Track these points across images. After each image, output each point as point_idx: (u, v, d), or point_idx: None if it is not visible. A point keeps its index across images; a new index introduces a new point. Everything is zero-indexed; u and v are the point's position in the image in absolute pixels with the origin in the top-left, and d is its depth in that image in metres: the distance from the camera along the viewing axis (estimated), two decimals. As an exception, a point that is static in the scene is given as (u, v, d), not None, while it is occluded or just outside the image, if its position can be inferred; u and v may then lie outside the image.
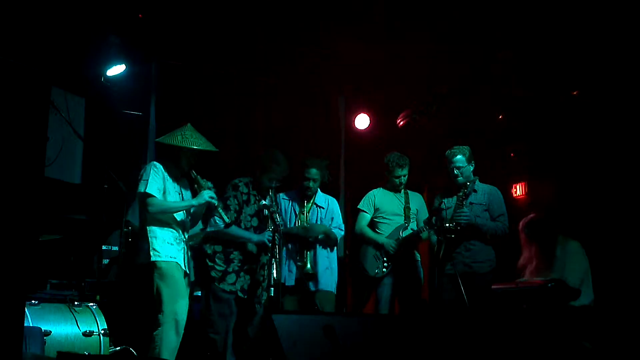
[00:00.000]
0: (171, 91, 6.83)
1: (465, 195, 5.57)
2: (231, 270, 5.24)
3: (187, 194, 5.09)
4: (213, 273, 5.21)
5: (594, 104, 6.56)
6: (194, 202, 4.96)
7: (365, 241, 6.01)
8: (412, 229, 5.94)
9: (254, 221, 5.38)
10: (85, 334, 4.43)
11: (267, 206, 5.36)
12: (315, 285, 5.60)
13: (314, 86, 7.53)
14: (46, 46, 5.31)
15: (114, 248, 5.90)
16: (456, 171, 5.66)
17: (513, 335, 5.25)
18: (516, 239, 5.93)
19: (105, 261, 5.89)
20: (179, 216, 4.96)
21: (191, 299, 5.17)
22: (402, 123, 7.45)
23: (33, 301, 4.37)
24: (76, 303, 4.59)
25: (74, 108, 6.23)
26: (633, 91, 6.16)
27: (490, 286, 5.60)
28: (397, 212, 6.02)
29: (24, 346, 3.78)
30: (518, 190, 7.53)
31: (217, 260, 5.24)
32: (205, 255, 5.26)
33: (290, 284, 5.53)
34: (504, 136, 7.44)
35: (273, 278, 5.08)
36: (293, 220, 5.72)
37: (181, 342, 4.92)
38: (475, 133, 7.06)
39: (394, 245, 5.85)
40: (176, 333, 4.77)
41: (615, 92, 6.35)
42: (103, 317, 4.60)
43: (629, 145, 6.26)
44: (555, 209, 6.48)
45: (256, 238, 5.29)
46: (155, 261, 4.76)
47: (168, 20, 6.26)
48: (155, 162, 4.95)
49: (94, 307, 4.65)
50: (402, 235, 5.92)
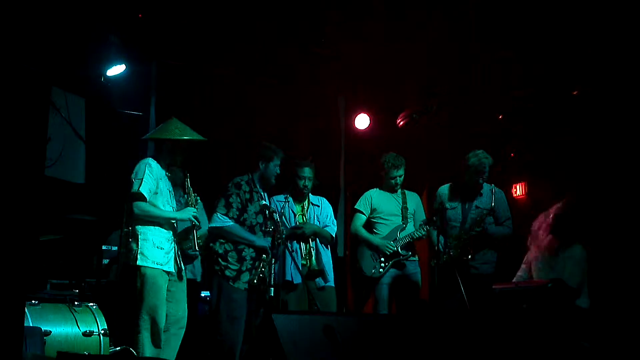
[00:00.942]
0: (171, 91, 6.83)
1: (485, 215, 5.63)
2: (245, 268, 5.24)
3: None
4: (227, 272, 5.19)
5: (595, 104, 6.55)
6: (178, 216, 4.94)
7: (360, 242, 6.03)
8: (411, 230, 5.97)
9: (259, 218, 5.41)
10: (85, 334, 4.42)
11: (267, 206, 5.37)
12: (324, 279, 5.61)
13: (314, 86, 7.53)
14: (46, 46, 5.30)
15: (114, 248, 5.89)
16: (486, 175, 5.70)
17: (513, 335, 5.25)
18: (516, 240, 5.93)
19: (105, 261, 5.90)
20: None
21: (197, 300, 5.16)
22: (402, 123, 7.45)
23: (33, 301, 4.36)
24: (76, 303, 4.59)
25: (74, 108, 6.23)
26: (633, 91, 6.16)
27: (491, 287, 5.61)
28: (395, 213, 6.04)
29: (24, 346, 3.77)
30: (518, 190, 7.53)
31: (230, 259, 5.23)
32: (216, 254, 5.24)
33: (297, 282, 5.51)
34: (504, 136, 7.44)
35: (273, 278, 5.08)
36: (293, 220, 5.73)
37: (182, 342, 4.93)
38: (475, 133, 7.07)
39: (390, 245, 5.86)
40: (153, 343, 4.72)
41: (615, 92, 6.34)
42: (103, 317, 4.59)
43: (630, 145, 6.26)
44: (579, 208, 6.39)
45: (258, 242, 5.28)
46: (140, 266, 4.72)
47: (168, 20, 6.26)
48: (149, 160, 4.91)
49: (94, 307, 4.65)
50: (400, 235, 5.93)
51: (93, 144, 6.40)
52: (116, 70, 6.21)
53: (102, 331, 4.51)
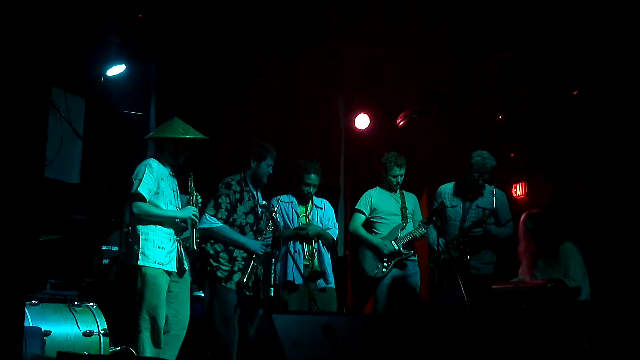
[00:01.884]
0: (171, 91, 6.83)
1: (487, 216, 5.63)
2: (237, 269, 5.21)
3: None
4: (219, 273, 5.17)
5: (594, 104, 6.55)
6: (179, 215, 4.95)
7: (360, 241, 6.04)
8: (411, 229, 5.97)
9: (249, 218, 5.33)
10: (85, 334, 4.43)
11: (267, 206, 5.36)
12: (325, 281, 5.62)
13: (314, 86, 7.53)
14: (46, 46, 5.31)
15: (114, 248, 5.90)
16: (483, 179, 5.70)
17: (513, 335, 5.25)
18: (517, 240, 5.93)
19: (105, 261, 5.90)
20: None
21: (191, 299, 5.16)
22: (402, 123, 7.45)
23: (33, 301, 4.36)
24: (76, 303, 4.59)
25: (74, 108, 6.22)
26: (633, 91, 6.16)
27: (490, 287, 5.62)
28: (395, 212, 6.05)
29: (24, 346, 3.77)
30: (518, 190, 7.52)
31: (221, 260, 5.21)
32: (208, 255, 5.24)
33: (299, 283, 5.51)
34: (504, 136, 7.44)
35: (273, 278, 5.08)
36: (296, 222, 5.73)
37: (183, 342, 4.93)
38: (475, 133, 7.07)
39: (388, 244, 5.87)
40: (153, 343, 4.73)
41: (615, 92, 6.34)
42: (103, 317, 4.59)
43: (630, 144, 6.25)
44: (558, 208, 6.46)
45: (249, 245, 5.24)
46: (141, 266, 4.73)
47: (168, 20, 6.26)
48: (150, 161, 4.92)
49: (94, 307, 4.65)
50: (401, 234, 5.93)
51: (93, 144, 6.40)
52: (116, 70, 6.21)
53: (102, 331, 4.51)
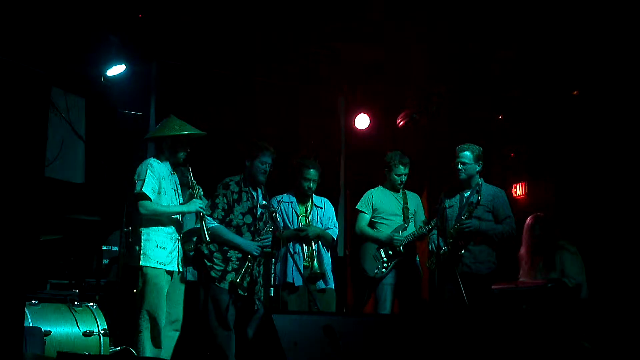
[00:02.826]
0: (171, 91, 6.83)
1: (473, 207, 5.55)
2: (230, 269, 5.21)
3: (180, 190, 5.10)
4: (213, 273, 5.18)
5: (594, 104, 6.55)
6: (185, 209, 4.97)
7: (367, 241, 5.99)
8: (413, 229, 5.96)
9: (247, 218, 5.32)
10: (85, 334, 4.43)
11: (267, 206, 5.36)
12: (325, 282, 5.62)
13: (314, 86, 7.53)
14: (46, 46, 5.31)
15: (114, 248, 5.90)
16: (460, 166, 5.64)
17: (513, 335, 5.25)
18: (519, 240, 5.94)
19: (105, 261, 5.90)
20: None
21: (188, 299, 5.16)
22: (402, 123, 7.45)
23: (33, 301, 4.37)
24: (76, 303, 4.59)
25: (74, 108, 6.23)
26: (633, 91, 6.16)
27: (489, 287, 5.60)
28: (396, 213, 6.02)
29: (24, 346, 3.78)
30: (518, 190, 7.52)
31: (215, 260, 5.21)
32: (202, 255, 5.24)
33: (298, 284, 5.51)
34: (504, 136, 7.45)
35: (272, 278, 5.08)
36: (296, 221, 5.72)
37: (182, 342, 4.93)
38: (475, 133, 7.06)
39: (399, 237, 5.84)
40: (153, 343, 4.74)
41: (615, 92, 6.35)
42: (103, 317, 4.60)
43: (629, 145, 6.26)
44: (556, 211, 6.49)
45: (244, 245, 5.23)
46: (142, 266, 4.74)
47: (168, 20, 6.26)
48: (151, 161, 4.92)
49: (94, 307, 4.65)
50: (402, 235, 5.92)
51: (93, 144, 6.40)
52: (116, 70, 6.21)
53: (102, 331, 4.51)
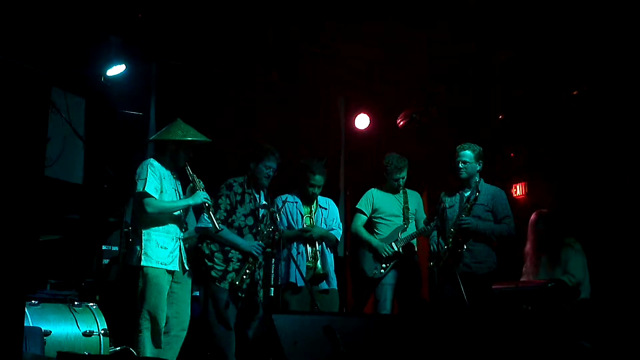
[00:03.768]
0: (171, 91, 6.83)
1: (471, 204, 5.55)
2: (231, 269, 5.21)
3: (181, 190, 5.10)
4: (213, 273, 5.18)
5: (594, 104, 6.55)
6: (191, 202, 4.95)
7: (360, 242, 6.03)
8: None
9: (249, 220, 5.33)
10: (85, 334, 4.43)
11: (267, 206, 5.36)
12: (328, 283, 5.62)
13: (314, 86, 7.53)
14: (46, 46, 5.31)
15: (114, 248, 5.90)
16: (461, 165, 5.65)
17: (513, 335, 5.25)
18: (519, 240, 5.93)
19: (105, 261, 5.90)
20: (176, 212, 4.94)
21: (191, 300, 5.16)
22: (402, 123, 7.45)
23: (33, 301, 4.36)
24: (76, 303, 4.59)
25: (74, 108, 6.22)
26: (633, 91, 6.16)
27: (489, 287, 5.59)
28: (396, 213, 6.03)
29: (24, 346, 3.78)
30: (518, 190, 7.52)
31: (216, 259, 5.21)
32: (203, 255, 5.24)
33: (301, 285, 5.50)
34: (504, 136, 7.44)
35: (272, 278, 5.07)
36: (300, 222, 5.72)
37: (182, 342, 4.93)
38: (475, 133, 7.06)
39: (387, 248, 5.86)
40: (153, 343, 4.73)
41: (615, 92, 6.35)
42: (103, 317, 4.60)
43: (629, 144, 6.26)
44: (556, 211, 6.48)
45: (244, 246, 5.23)
46: (143, 266, 4.73)
47: (168, 20, 6.26)
48: (151, 160, 4.91)
49: (94, 307, 4.65)
50: (401, 236, 5.93)
51: (93, 144, 6.40)
52: (116, 70, 6.21)
53: (102, 331, 4.52)
